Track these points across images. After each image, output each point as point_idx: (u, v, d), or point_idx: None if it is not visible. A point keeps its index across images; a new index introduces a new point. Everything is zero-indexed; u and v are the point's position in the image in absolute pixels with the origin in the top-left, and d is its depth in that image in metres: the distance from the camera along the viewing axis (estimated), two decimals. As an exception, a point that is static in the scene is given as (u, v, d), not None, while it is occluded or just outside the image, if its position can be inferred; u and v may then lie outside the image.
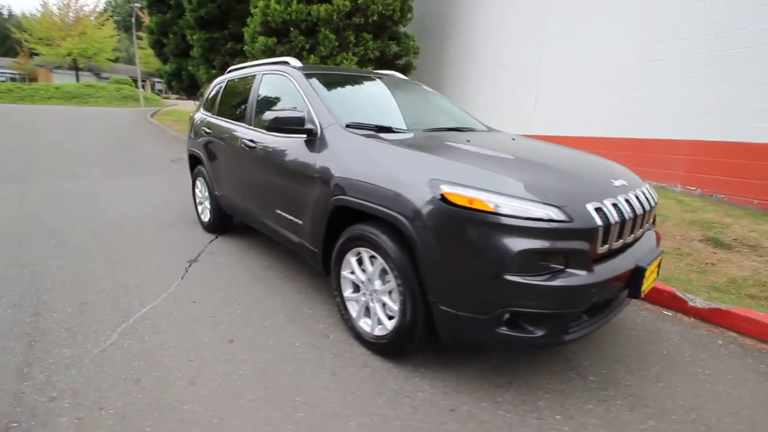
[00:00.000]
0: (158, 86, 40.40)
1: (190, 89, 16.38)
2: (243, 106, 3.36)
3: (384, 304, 2.09)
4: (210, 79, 11.78)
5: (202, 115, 4.10)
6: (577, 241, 1.65)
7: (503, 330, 1.67)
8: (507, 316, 1.65)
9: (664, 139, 5.93)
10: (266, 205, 2.96)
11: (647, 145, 6.16)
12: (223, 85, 3.98)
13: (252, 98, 3.21)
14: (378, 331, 2.13)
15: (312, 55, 8.99)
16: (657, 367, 2.21)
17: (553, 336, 1.66)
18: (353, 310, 2.28)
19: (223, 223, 3.91)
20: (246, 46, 9.55)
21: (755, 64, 4.82)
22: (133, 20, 25.88)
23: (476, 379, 2.02)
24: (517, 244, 1.60)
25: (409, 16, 9.54)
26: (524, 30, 8.15)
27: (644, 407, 1.91)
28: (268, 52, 8.69)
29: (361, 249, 2.16)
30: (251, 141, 3.00)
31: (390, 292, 2.03)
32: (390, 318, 2.05)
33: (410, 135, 2.39)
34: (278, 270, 3.17)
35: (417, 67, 10.17)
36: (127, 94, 29.04)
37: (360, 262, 2.22)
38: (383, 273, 2.05)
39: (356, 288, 2.28)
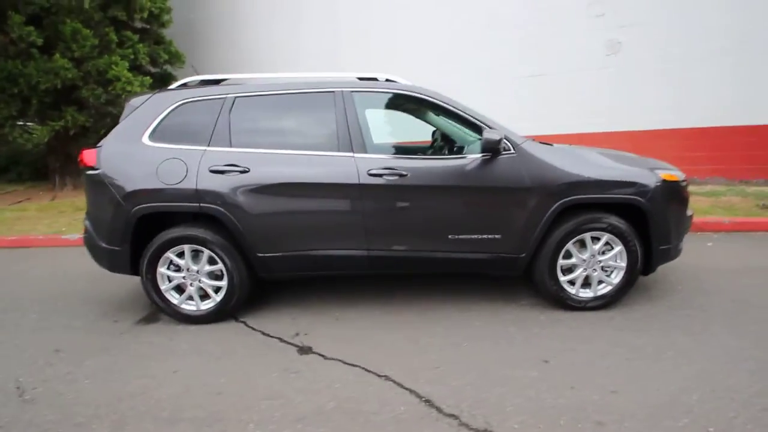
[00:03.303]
0: None
1: None
2: (328, 132, 2.58)
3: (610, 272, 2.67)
4: None
5: (179, 148, 2.52)
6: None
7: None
8: None
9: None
10: (427, 237, 2.66)
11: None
12: (224, 105, 2.61)
13: (350, 121, 2.57)
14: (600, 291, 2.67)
15: (57, 55, 5.98)
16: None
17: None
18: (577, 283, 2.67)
19: (242, 298, 2.64)
20: None
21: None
22: None
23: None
24: (686, 192, 2.79)
25: (166, 17, 7.97)
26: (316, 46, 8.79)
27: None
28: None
29: (586, 234, 2.59)
30: (392, 170, 2.52)
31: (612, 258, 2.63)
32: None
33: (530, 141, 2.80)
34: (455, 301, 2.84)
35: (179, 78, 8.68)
36: None
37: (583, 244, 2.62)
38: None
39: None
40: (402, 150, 3.30)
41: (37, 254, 4.74)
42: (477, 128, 2.63)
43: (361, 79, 2.77)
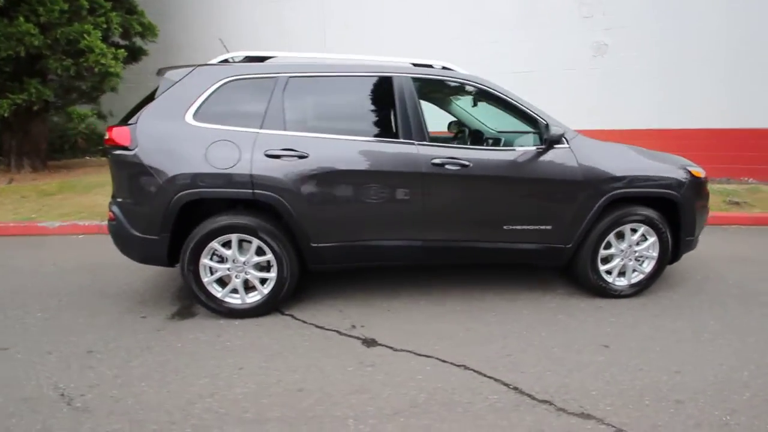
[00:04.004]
0: None
1: None
2: (387, 119, 2.49)
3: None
4: None
5: (230, 129, 2.36)
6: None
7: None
8: None
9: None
10: (484, 227, 2.68)
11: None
12: (277, 84, 2.44)
13: (410, 108, 2.49)
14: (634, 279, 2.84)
15: (21, 18, 5.22)
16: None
17: None
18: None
19: (290, 290, 2.51)
20: None
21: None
22: None
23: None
24: (707, 188, 2.99)
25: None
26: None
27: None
28: None
29: (626, 226, 2.74)
30: (455, 160, 2.51)
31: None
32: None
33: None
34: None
35: (149, 53, 7.94)
36: None
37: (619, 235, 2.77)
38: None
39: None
40: (451, 140, 3.28)
41: (11, 244, 4.21)
42: (533, 120, 2.67)
43: (415, 65, 2.70)
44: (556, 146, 2.63)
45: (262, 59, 2.60)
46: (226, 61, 2.58)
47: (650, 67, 6.41)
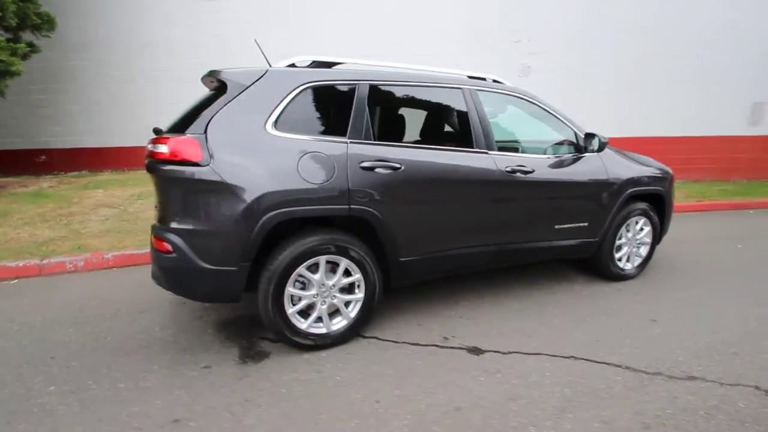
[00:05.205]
0: None
1: None
2: (455, 128, 2.49)
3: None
4: None
5: (319, 140, 2.14)
6: None
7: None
8: None
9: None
10: (542, 228, 2.90)
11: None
12: (358, 92, 2.27)
13: (474, 118, 2.56)
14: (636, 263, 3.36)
15: None
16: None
17: None
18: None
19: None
20: None
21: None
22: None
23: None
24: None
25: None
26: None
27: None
28: None
29: (632, 219, 3.23)
30: (522, 167, 2.69)
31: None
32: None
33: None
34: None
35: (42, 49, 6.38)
36: None
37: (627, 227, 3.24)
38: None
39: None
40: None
41: None
42: (569, 130, 3.01)
43: (470, 77, 2.80)
44: (592, 153, 3.01)
45: (329, 65, 2.40)
46: (292, 65, 2.31)
47: (563, 86, 7.58)
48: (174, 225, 2.02)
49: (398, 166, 2.29)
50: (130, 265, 3.68)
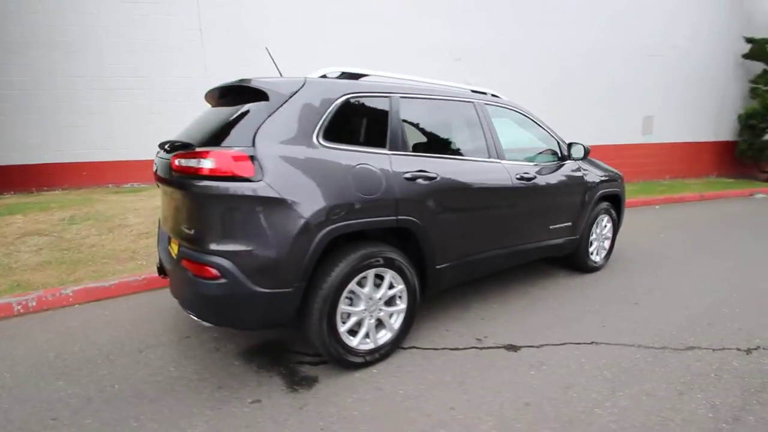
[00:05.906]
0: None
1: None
2: (472, 139, 2.61)
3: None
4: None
5: (365, 152, 2.13)
6: None
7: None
8: None
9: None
10: (540, 229, 3.14)
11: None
12: (392, 104, 2.30)
13: (486, 130, 2.72)
14: (602, 255, 3.80)
15: None
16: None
17: None
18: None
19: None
20: None
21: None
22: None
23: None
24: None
25: None
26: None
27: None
28: None
29: (600, 217, 3.67)
30: (527, 174, 2.90)
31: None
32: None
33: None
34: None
35: None
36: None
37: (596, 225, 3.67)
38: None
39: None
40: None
41: None
42: (553, 140, 3.35)
43: (473, 91, 2.97)
44: (569, 161, 3.38)
45: (357, 76, 2.37)
46: (324, 76, 2.23)
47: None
48: (217, 247, 1.81)
49: (434, 175, 2.35)
50: (95, 300, 3.15)
